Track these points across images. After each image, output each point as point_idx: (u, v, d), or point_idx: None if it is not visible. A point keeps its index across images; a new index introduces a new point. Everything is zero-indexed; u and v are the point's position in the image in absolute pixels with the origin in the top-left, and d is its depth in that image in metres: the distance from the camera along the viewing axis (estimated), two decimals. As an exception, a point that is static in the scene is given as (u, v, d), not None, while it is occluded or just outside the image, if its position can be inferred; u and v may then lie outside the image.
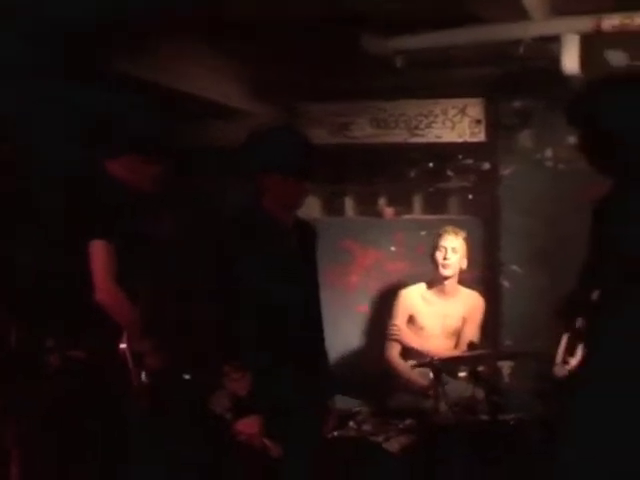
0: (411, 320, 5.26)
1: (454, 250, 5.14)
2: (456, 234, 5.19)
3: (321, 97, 5.79)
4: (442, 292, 5.23)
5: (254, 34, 4.86)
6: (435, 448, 4.20)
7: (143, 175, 3.66)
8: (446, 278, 5.17)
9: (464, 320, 5.21)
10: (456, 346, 5.15)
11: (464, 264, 5.21)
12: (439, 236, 5.21)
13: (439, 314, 5.22)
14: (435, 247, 5.18)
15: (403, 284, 5.43)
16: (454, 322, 5.21)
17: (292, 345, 3.40)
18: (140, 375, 3.50)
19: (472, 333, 5.15)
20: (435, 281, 5.25)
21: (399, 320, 5.25)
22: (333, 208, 6.32)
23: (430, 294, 5.26)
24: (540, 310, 4.90)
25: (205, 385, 3.80)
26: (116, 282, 3.44)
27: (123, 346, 3.47)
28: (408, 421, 4.45)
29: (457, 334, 5.22)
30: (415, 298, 5.28)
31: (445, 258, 5.13)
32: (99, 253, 3.42)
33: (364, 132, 5.83)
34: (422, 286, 5.32)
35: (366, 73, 5.40)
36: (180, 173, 4.87)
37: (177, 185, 4.75)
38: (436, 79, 5.54)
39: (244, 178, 3.61)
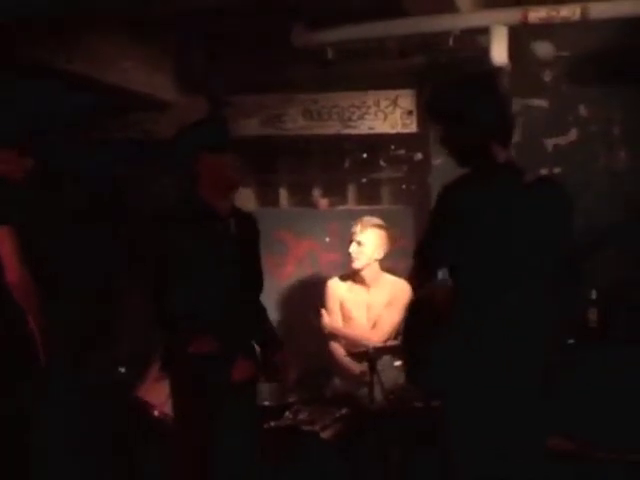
0: (341, 309, 5.26)
1: (359, 243, 5.14)
2: (363, 226, 5.16)
3: (253, 89, 5.78)
4: (363, 282, 5.23)
5: (185, 25, 4.85)
6: (371, 436, 4.25)
7: (16, 166, 3.85)
8: (357, 270, 5.19)
9: (387, 306, 5.18)
10: (372, 328, 5.14)
11: (378, 255, 5.17)
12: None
13: (363, 304, 5.21)
14: None
15: (337, 274, 5.46)
16: (378, 311, 5.20)
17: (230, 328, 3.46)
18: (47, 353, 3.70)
19: (391, 318, 5.10)
20: (353, 272, 5.26)
21: (332, 310, 5.27)
22: (267, 199, 6.33)
23: (353, 285, 5.27)
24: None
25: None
26: (23, 265, 3.65)
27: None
28: (344, 410, 4.49)
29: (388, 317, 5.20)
30: (341, 288, 5.29)
31: (350, 252, 5.16)
32: (5, 238, 3.63)
33: (296, 124, 5.84)
34: (347, 277, 5.31)
35: (297, 64, 5.42)
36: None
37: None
38: (367, 71, 5.58)
39: (179, 168, 3.67)
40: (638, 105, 5.12)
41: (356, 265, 5.17)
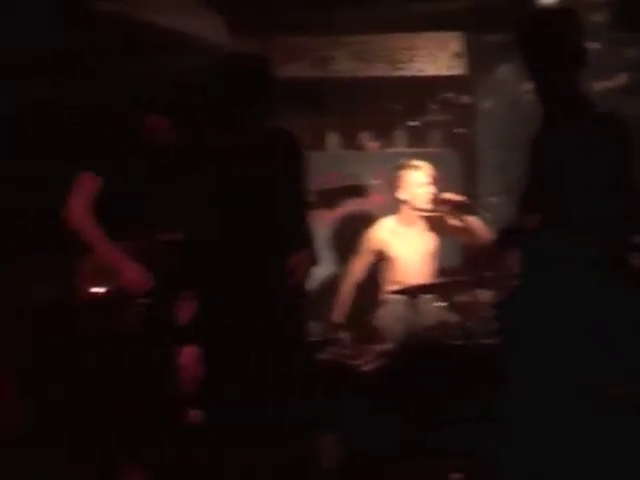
0: (381, 254, 5.27)
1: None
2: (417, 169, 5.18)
3: (303, 30, 5.81)
4: (410, 223, 5.27)
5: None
6: (411, 372, 4.33)
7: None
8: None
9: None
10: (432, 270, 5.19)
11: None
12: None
13: (410, 244, 5.24)
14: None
15: (382, 216, 5.50)
16: (427, 247, 5.26)
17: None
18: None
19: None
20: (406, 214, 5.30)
21: (362, 257, 5.30)
22: (315, 142, 6.37)
23: (398, 226, 5.29)
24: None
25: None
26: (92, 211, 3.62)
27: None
28: (385, 346, 4.58)
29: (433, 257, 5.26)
30: (384, 233, 5.30)
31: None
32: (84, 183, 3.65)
33: (346, 66, 5.86)
34: (391, 220, 5.34)
35: (348, 6, 5.43)
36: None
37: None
38: (418, 13, 5.57)
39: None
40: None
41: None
